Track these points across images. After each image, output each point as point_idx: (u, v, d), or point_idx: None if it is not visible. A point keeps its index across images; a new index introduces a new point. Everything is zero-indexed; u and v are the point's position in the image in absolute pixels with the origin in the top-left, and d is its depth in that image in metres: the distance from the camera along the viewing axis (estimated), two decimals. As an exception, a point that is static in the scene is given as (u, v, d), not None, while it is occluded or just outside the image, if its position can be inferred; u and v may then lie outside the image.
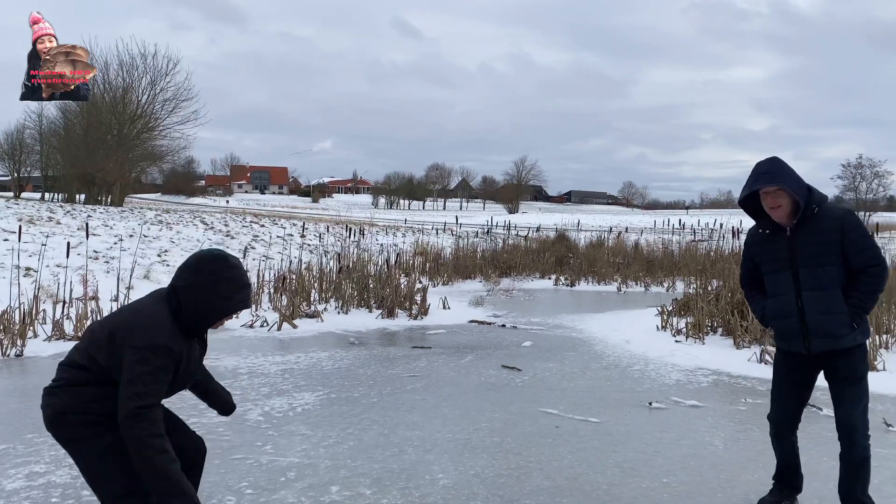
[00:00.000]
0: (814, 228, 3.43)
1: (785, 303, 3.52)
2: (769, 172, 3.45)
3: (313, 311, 10.58)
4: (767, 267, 3.60)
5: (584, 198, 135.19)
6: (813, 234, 3.43)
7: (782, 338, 3.60)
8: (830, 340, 3.43)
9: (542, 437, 5.00)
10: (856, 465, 3.46)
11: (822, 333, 3.43)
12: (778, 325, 3.59)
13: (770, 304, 3.62)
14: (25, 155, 58.00)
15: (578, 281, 17.75)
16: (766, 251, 3.59)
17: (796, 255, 3.46)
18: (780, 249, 3.52)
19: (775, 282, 3.57)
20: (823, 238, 3.42)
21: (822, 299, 3.43)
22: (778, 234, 3.53)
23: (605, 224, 36.06)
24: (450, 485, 4.08)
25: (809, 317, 3.44)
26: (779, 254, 3.52)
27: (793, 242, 3.47)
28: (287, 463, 4.38)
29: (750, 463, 4.54)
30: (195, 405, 5.68)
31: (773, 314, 3.60)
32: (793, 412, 3.70)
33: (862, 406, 3.46)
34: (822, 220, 3.43)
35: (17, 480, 4.01)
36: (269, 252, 17.69)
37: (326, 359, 7.72)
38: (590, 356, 8.14)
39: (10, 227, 16.75)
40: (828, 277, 3.43)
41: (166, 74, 38.84)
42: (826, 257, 3.42)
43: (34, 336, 8.14)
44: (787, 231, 3.49)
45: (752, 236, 3.69)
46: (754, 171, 3.50)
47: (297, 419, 5.35)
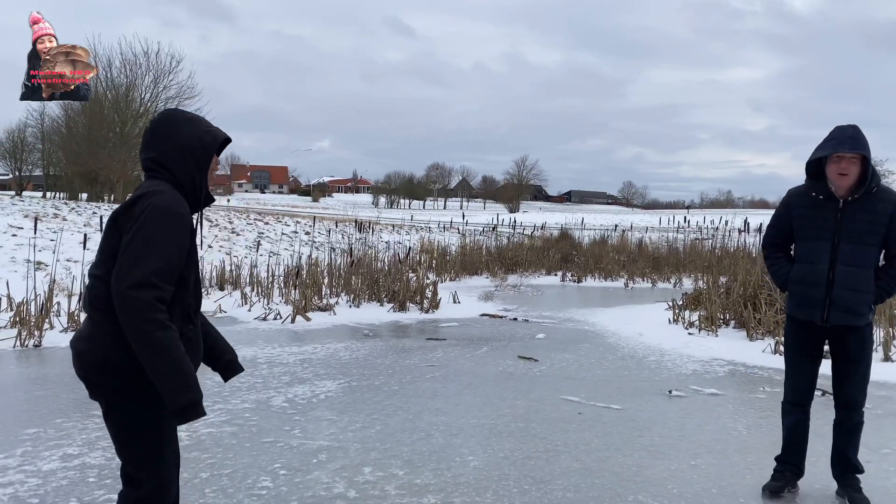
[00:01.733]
0: (867, 206, 3.42)
1: (816, 271, 3.49)
2: (855, 138, 3.40)
3: (325, 305, 10.61)
4: (807, 233, 3.54)
5: (585, 197, 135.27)
6: (864, 211, 3.42)
7: (800, 305, 3.58)
8: (851, 316, 3.46)
9: (567, 423, 5.04)
10: (851, 431, 3.63)
11: (844, 308, 3.45)
12: (801, 290, 3.56)
13: (797, 268, 3.59)
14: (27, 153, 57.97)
15: (585, 277, 17.79)
16: (812, 217, 3.52)
17: (843, 227, 3.44)
18: (827, 218, 3.47)
19: (812, 249, 3.52)
20: (874, 218, 3.42)
21: (854, 276, 3.43)
22: (830, 203, 3.48)
23: (607, 223, 36.09)
24: (480, 466, 4.11)
25: (837, 290, 3.44)
26: (825, 222, 3.48)
27: (843, 214, 3.44)
28: (317, 446, 4.42)
29: (775, 447, 4.54)
30: (219, 391, 5.74)
31: (798, 278, 3.56)
32: (810, 381, 3.70)
33: (865, 382, 3.62)
34: (877, 200, 3.43)
35: (52, 462, 4.04)
36: (277, 248, 17.72)
37: (343, 349, 7.75)
38: (605, 348, 8.18)
39: (17, 223, 16.78)
40: (866, 256, 3.44)
41: (169, 72, 38.82)
42: (870, 237, 3.43)
43: (50, 328, 8.17)
44: (841, 202, 3.46)
45: (801, 197, 3.60)
46: (838, 133, 3.44)
47: (322, 405, 5.38)
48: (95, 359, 2.26)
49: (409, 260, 15.01)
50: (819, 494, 3.81)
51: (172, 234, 2.23)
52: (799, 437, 3.73)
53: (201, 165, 2.43)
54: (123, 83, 38.46)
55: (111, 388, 2.29)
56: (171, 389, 2.16)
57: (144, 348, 2.13)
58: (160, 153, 2.39)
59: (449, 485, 3.82)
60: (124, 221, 2.25)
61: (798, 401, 3.72)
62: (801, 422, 3.72)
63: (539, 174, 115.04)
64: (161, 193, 2.28)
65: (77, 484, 3.73)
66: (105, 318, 2.23)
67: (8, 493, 3.59)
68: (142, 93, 38.91)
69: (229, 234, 20.22)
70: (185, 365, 2.19)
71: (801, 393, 3.71)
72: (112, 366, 2.24)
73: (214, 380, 6.09)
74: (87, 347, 2.28)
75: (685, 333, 9.00)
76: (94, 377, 2.30)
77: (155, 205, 2.23)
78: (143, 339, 2.13)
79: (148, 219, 2.20)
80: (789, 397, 3.75)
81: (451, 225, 33.01)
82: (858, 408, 3.61)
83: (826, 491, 3.83)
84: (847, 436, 3.64)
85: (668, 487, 3.85)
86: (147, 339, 2.13)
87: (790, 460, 3.76)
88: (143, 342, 2.13)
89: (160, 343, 2.13)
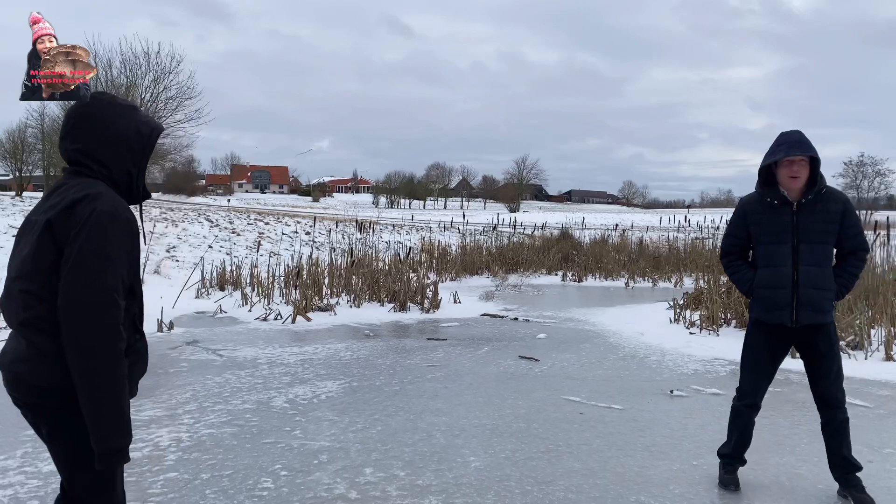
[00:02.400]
0: (819, 207, 3.55)
1: (781, 274, 3.58)
2: (802, 142, 3.53)
3: (326, 305, 10.60)
4: (767, 238, 3.64)
5: (585, 197, 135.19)
6: (818, 212, 3.54)
7: (768, 309, 3.64)
8: (817, 314, 3.56)
9: (569, 423, 5.02)
10: (841, 429, 3.67)
11: (811, 307, 3.55)
12: (767, 294, 3.63)
13: (761, 273, 3.67)
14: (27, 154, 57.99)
15: (586, 277, 17.77)
16: (769, 222, 3.62)
17: (800, 229, 3.55)
18: (783, 222, 3.58)
19: (772, 253, 3.61)
20: (828, 217, 3.54)
21: (817, 275, 3.55)
22: (784, 207, 3.59)
23: (607, 222, 36.09)
24: (482, 467, 4.10)
25: (802, 290, 3.54)
26: (782, 226, 3.58)
27: (799, 217, 3.56)
28: (318, 447, 4.40)
29: (778, 447, 4.56)
30: (220, 392, 5.73)
31: (764, 283, 3.64)
32: (766, 384, 3.79)
33: (841, 377, 3.66)
34: (828, 200, 3.56)
35: (52, 463, 4.01)
36: (277, 248, 17.71)
37: (343, 350, 7.74)
38: (606, 347, 8.16)
39: (17, 223, 16.78)
40: (824, 255, 3.58)
41: (170, 73, 38.78)
42: (826, 236, 3.56)
43: (51, 328, 8.16)
44: (794, 205, 3.57)
45: (755, 204, 3.69)
46: (785, 139, 3.56)
47: (323, 406, 5.37)
48: (40, 382, 2.02)
49: (409, 260, 14.99)
50: (822, 495, 3.80)
51: (123, 243, 2.02)
52: (749, 435, 3.86)
53: (139, 160, 2.18)
54: (123, 83, 38.45)
55: (58, 409, 2.03)
56: (106, 429, 1.95)
57: (92, 378, 1.92)
58: (91, 144, 2.11)
59: (450, 486, 3.81)
60: (63, 230, 1.98)
61: (755, 404, 3.80)
62: (752, 422, 3.84)
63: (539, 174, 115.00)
64: (101, 196, 2.02)
65: (77, 485, 3.71)
66: (48, 339, 1.99)
67: (8, 494, 3.58)
68: (142, 93, 38.89)
69: (230, 235, 20.21)
70: (126, 405, 2.00)
71: (759, 395, 3.79)
72: (59, 388, 2.00)
73: (215, 380, 6.12)
74: (28, 370, 2.03)
75: (686, 333, 8.98)
76: (37, 401, 2.05)
77: (100, 211, 1.98)
78: (95, 369, 1.92)
79: (95, 228, 1.96)
80: (747, 402, 3.80)
81: (452, 224, 33.00)
82: (841, 405, 3.66)
83: (829, 491, 3.81)
84: (838, 435, 3.69)
85: (669, 488, 3.84)
86: (99, 369, 1.92)
87: (739, 455, 3.89)
88: (94, 372, 1.92)
89: (111, 377, 1.94)
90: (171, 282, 12.16)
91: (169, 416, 5.03)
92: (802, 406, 5.60)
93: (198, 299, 11.28)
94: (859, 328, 7.78)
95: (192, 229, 20.46)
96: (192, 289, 11.58)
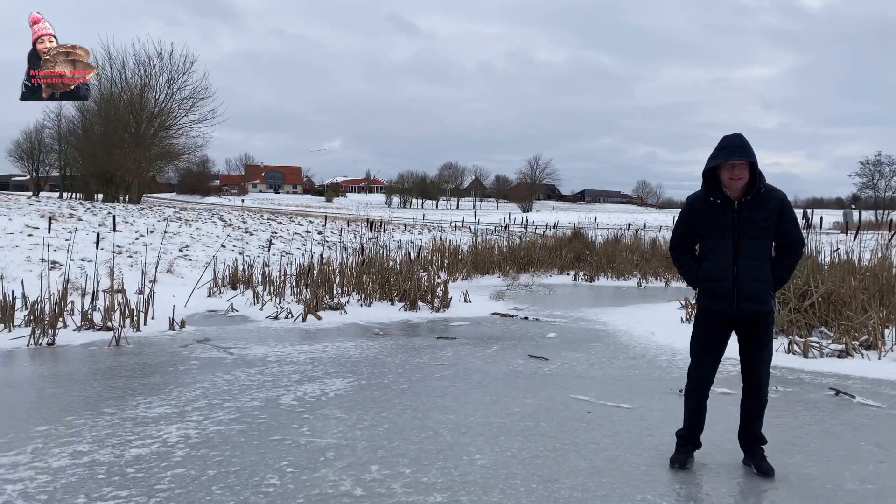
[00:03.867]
0: (759, 205, 3.83)
1: (723, 267, 3.89)
2: (743, 147, 3.79)
3: (336, 304, 10.63)
4: (710, 233, 3.94)
5: (598, 196, 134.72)
6: (757, 210, 3.83)
7: (713, 298, 3.95)
8: (757, 304, 3.87)
9: (577, 422, 5.01)
10: (760, 408, 4.03)
11: (750, 298, 3.85)
12: (711, 286, 3.94)
13: (706, 266, 3.98)
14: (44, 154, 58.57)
15: (597, 276, 17.71)
16: (712, 218, 3.91)
17: (741, 226, 3.84)
18: (725, 219, 3.87)
19: (715, 247, 3.92)
20: (766, 214, 3.84)
21: (756, 268, 3.85)
22: (727, 206, 3.87)
23: (620, 222, 35.92)
24: (487, 465, 4.09)
25: (742, 282, 3.85)
26: (724, 223, 3.87)
27: (740, 215, 3.84)
28: (325, 444, 4.41)
29: (787, 446, 4.52)
30: (229, 390, 5.77)
31: (708, 276, 3.95)
32: (714, 368, 4.10)
33: (769, 364, 4.02)
34: (767, 199, 3.85)
35: (62, 458, 4.07)
36: (289, 248, 17.78)
37: (353, 348, 7.76)
38: (616, 347, 8.13)
39: (33, 223, 16.94)
40: (763, 250, 3.88)
41: (184, 73, 39.06)
42: (765, 232, 3.85)
43: (64, 326, 8.24)
44: (736, 204, 3.85)
45: (700, 202, 3.97)
46: (727, 143, 3.83)
47: (331, 403, 5.38)
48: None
49: (420, 258, 15.00)
50: (831, 494, 3.76)
51: None
52: (700, 417, 4.14)
53: None
54: (138, 84, 38.75)
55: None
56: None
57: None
58: None
59: (455, 483, 3.80)
60: None
61: (703, 387, 4.09)
62: (702, 404, 4.13)
63: (553, 173, 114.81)
64: None
65: (86, 481, 3.74)
66: None
67: (17, 489, 3.62)
68: (156, 93, 39.19)
69: (242, 234, 20.31)
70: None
71: (707, 379, 4.09)
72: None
73: (225, 378, 6.15)
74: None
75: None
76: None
77: None
78: None
79: None
80: (695, 384, 4.10)
81: (463, 224, 32.99)
82: (764, 387, 4.00)
83: (838, 491, 3.77)
84: (756, 414, 4.04)
85: (675, 487, 3.81)
86: None
87: (692, 436, 4.16)
88: None
89: None
90: (183, 280, 12.26)
91: (178, 413, 5.06)
92: (813, 406, 5.55)
93: (210, 298, 11.36)
94: (873, 328, 7.70)
95: (205, 229, 20.59)
96: (205, 288, 11.66)
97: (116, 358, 6.99)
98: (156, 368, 6.52)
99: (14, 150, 58.80)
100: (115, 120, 38.86)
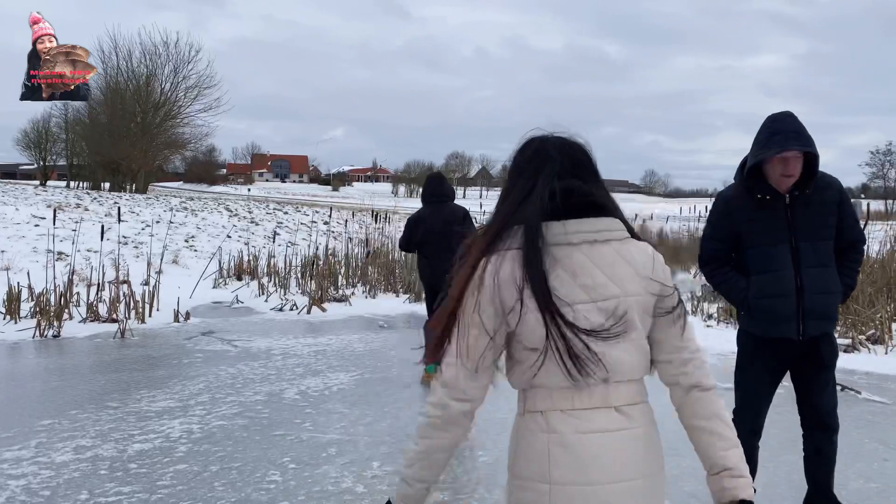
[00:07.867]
0: (814, 198, 3.00)
1: (783, 279, 2.99)
2: (798, 132, 2.90)
3: (341, 296, 10.64)
4: (760, 238, 3.04)
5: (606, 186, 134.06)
6: (813, 203, 3.00)
7: (770, 321, 3.04)
8: (826, 322, 3.05)
9: (579, 417, 4.99)
10: (832, 458, 3.22)
11: (818, 315, 3.01)
12: (768, 304, 3.02)
13: (757, 280, 3.05)
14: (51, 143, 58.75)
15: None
16: (761, 220, 3.03)
17: (797, 226, 2.99)
18: (777, 219, 3.00)
19: (770, 256, 3.02)
20: (824, 209, 3.02)
21: (823, 277, 3.01)
22: (777, 203, 3.00)
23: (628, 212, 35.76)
24: (490, 462, 4.09)
25: (809, 297, 2.97)
26: (776, 224, 3.00)
27: (794, 212, 2.99)
28: (327, 440, 4.42)
29: (790, 443, 4.47)
30: (232, 383, 5.78)
31: (767, 293, 3.02)
32: (766, 406, 3.23)
33: (836, 393, 3.24)
34: (823, 188, 3.02)
35: (65, 453, 4.09)
36: (295, 238, 17.79)
37: (357, 341, 7.76)
38: (620, 340, 8.10)
39: (40, 213, 17.00)
40: (828, 253, 3.04)
41: (189, 62, 39.09)
42: (826, 230, 3.02)
43: (69, 318, 8.27)
44: (787, 199, 2.99)
45: (742, 200, 3.07)
46: (780, 128, 2.93)
47: (334, 398, 5.39)
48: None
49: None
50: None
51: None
52: (754, 461, 3.30)
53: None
54: (144, 73, 38.79)
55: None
56: None
57: None
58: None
59: (458, 480, 3.80)
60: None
61: (757, 429, 3.22)
62: (756, 447, 3.28)
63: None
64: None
65: (89, 476, 3.76)
66: None
67: (21, 484, 3.63)
68: (162, 82, 39.23)
69: (248, 224, 20.35)
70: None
71: (761, 418, 3.22)
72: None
73: (228, 371, 6.16)
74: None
75: (703, 325, 8.88)
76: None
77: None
78: None
79: None
80: (749, 426, 3.13)
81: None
82: (836, 425, 3.17)
83: (840, 490, 3.75)
84: (827, 465, 3.18)
85: (679, 484, 3.80)
86: None
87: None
88: None
89: None
90: (188, 271, 12.27)
91: (181, 407, 5.08)
92: (819, 402, 5.52)
93: (215, 289, 11.37)
94: (880, 322, 7.65)
95: (210, 219, 20.63)
96: (210, 278, 11.68)
97: (121, 350, 7.02)
98: (160, 361, 6.54)
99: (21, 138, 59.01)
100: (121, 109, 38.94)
